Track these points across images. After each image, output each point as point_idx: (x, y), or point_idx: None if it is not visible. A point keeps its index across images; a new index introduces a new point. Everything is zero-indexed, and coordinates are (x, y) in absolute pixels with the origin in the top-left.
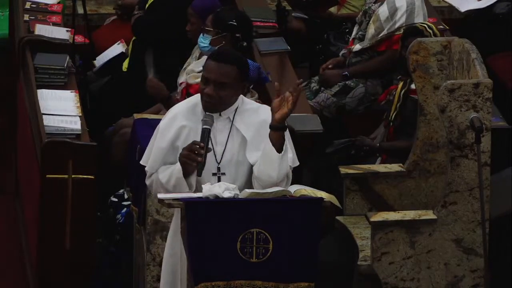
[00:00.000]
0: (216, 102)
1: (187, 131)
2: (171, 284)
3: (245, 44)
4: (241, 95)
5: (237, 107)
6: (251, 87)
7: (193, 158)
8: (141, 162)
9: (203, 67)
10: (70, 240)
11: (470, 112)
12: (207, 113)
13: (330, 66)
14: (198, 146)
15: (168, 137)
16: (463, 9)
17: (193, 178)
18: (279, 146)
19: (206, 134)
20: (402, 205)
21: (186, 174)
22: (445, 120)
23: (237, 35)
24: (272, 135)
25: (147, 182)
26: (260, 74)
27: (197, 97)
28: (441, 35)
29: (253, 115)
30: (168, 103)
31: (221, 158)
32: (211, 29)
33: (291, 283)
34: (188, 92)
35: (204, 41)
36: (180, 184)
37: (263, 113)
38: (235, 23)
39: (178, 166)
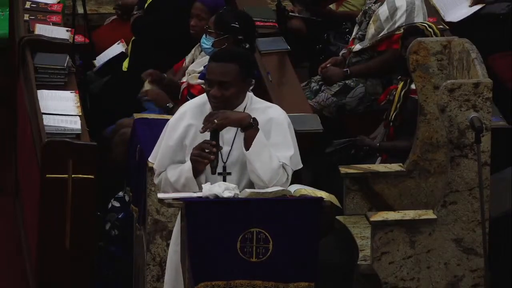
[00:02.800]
0: (223, 102)
1: (194, 129)
2: (175, 280)
3: (247, 46)
4: (251, 95)
5: (245, 106)
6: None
7: (204, 156)
8: (149, 159)
9: (206, 69)
10: (70, 240)
11: (470, 112)
12: None
13: (328, 65)
14: (209, 145)
15: (176, 135)
16: (447, 18)
17: (203, 178)
18: (247, 143)
19: (215, 132)
20: (402, 205)
21: (196, 173)
22: (445, 119)
23: (240, 37)
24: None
25: (156, 181)
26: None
27: (206, 96)
28: (441, 35)
29: (261, 114)
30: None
31: (227, 158)
32: (213, 31)
33: (291, 283)
34: (189, 92)
35: (207, 42)
36: (189, 184)
37: (271, 112)
38: (237, 26)
39: (187, 165)
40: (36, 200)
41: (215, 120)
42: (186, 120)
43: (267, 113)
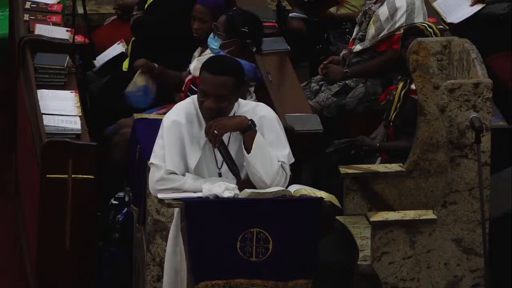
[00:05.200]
0: (217, 114)
1: (188, 135)
2: (174, 282)
3: (254, 49)
4: (239, 99)
5: (234, 112)
6: (252, 89)
7: None
8: (152, 160)
9: (199, 76)
10: (70, 240)
11: (470, 112)
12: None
13: (326, 63)
14: None
15: (176, 140)
16: (449, 19)
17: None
18: (247, 146)
19: (223, 152)
20: (402, 205)
21: None
22: (445, 120)
23: (248, 41)
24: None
25: (167, 183)
26: (256, 73)
27: (191, 102)
28: (441, 35)
29: (252, 115)
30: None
31: (222, 164)
32: (222, 33)
33: (289, 281)
34: (193, 82)
35: (214, 43)
36: None
37: (260, 111)
38: (246, 30)
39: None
40: (36, 200)
41: (215, 131)
42: (180, 130)
43: (256, 112)
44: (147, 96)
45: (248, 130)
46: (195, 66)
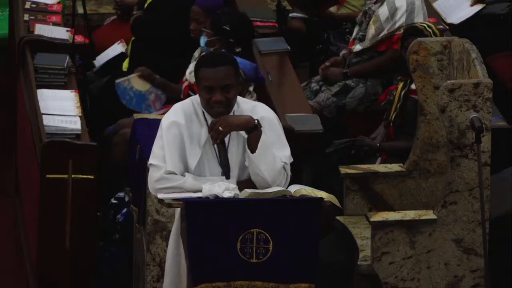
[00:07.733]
0: (226, 106)
1: (187, 135)
2: (175, 283)
3: (238, 50)
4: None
5: (234, 110)
6: (251, 88)
7: None
8: (151, 161)
9: (198, 76)
10: (70, 240)
11: (470, 112)
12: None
13: (327, 64)
14: None
15: (175, 139)
16: (449, 20)
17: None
18: (252, 146)
19: (220, 149)
20: (402, 205)
21: None
22: (445, 120)
23: (230, 40)
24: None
25: (167, 182)
26: (257, 74)
27: (189, 102)
28: (440, 35)
29: (252, 115)
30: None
31: None
32: (208, 31)
33: (291, 284)
34: (191, 89)
35: (202, 41)
36: None
37: (260, 111)
38: (228, 28)
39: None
40: (36, 200)
41: (220, 128)
42: (177, 127)
43: (256, 112)
44: (138, 100)
45: (254, 129)
46: (191, 71)
